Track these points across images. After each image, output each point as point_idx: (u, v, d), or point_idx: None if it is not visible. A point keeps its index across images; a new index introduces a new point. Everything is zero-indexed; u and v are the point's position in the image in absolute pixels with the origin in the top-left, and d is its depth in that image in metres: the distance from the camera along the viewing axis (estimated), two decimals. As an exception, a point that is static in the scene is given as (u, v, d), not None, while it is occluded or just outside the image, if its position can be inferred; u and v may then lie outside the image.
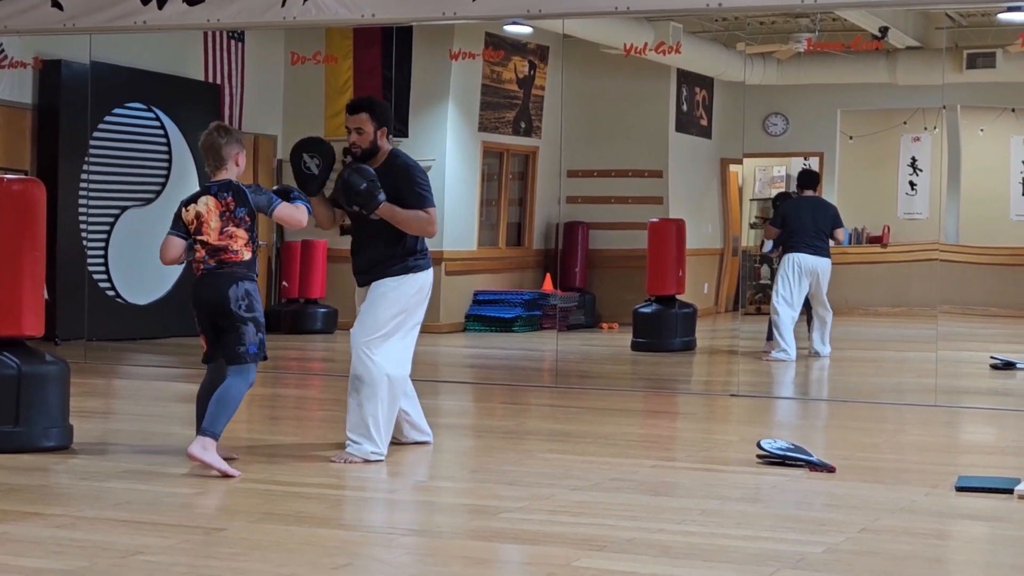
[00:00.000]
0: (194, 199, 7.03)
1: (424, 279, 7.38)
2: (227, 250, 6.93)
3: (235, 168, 7.07)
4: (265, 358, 7.06)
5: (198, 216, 6.96)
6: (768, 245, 14.07)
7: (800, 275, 13.10)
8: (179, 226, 7.03)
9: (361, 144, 7.29)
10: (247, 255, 6.97)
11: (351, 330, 7.33)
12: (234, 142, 7.06)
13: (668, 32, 14.22)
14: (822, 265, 13.16)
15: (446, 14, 10.47)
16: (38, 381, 7.38)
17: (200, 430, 6.84)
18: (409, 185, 7.31)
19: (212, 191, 6.99)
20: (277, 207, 7.04)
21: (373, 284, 7.33)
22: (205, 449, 6.78)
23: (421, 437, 7.80)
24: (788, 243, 13.24)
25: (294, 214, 7.09)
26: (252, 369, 6.97)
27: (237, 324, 6.91)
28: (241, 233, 6.94)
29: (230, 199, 6.94)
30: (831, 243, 13.27)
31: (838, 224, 13.29)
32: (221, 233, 6.93)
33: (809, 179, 13.73)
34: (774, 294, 13.27)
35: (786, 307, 13.08)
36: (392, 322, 7.28)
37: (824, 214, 13.29)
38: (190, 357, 12.01)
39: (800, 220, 13.26)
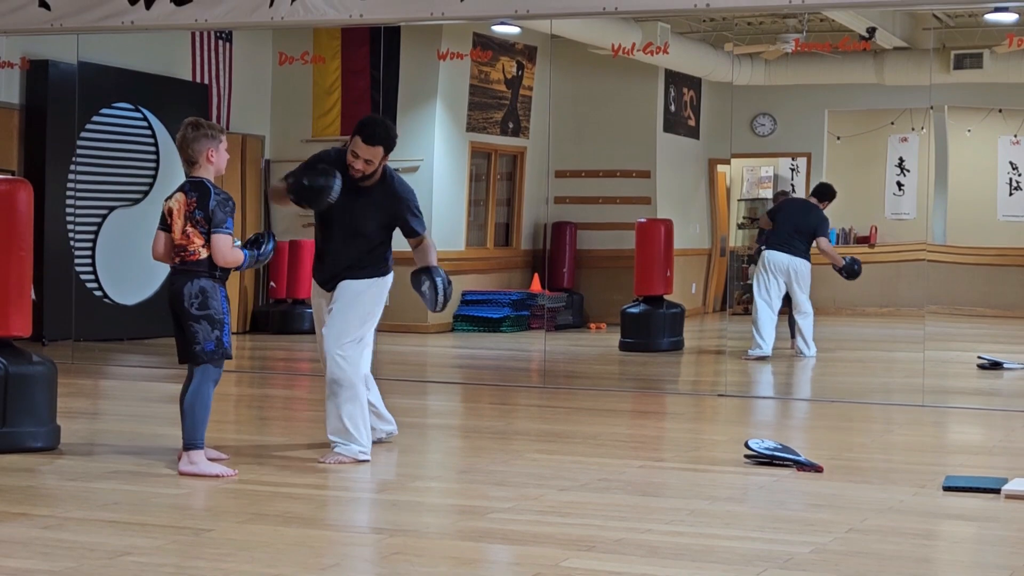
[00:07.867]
0: (172, 194, 6.93)
1: (388, 282, 7.47)
2: (186, 249, 6.83)
3: (209, 165, 6.85)
4: (228, 356, 6.92)
5: (170, 212, 6.88)
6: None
7: (771, 272, 13.15)
8: (164, 221, 6.94)
9: (365, 172, 7.22)
10: (205, 254, 6.81)
11: (323, 332, 7.31)
12: (203, 137, 6.81)
13: (656, 32, 14.23)
14: (795, 264, 13.16)
15: (434, 14, 10.48)
16: (25, 382, 7.36)
17: (183, 445, 6.83)
18: (404, 212, 7.33)
19: (185, 188, 6.86)
20: (217, 233, 6.76)
21: (341, 285, 7.32)
22: (193, 463, 6.78)
23: (388, 427, 7.81)
24: (767, 240, 13.34)
25: (226, 251, 6.79)
26: (212, 368, 6.88)
27: (190, 322, 6.84)
28: (197, 234, 6.80)
29: (195, 200, 6.79)
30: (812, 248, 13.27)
31: (820, 233, 13.19)
32: (183, 232, 6.82)
33: (819, 190, 13.71)
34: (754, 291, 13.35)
35: (762, 303, 13.14)
36: (364, 326, 7.31)
37: (807, 217, 13.28)
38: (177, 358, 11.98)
39: (781, 219, 13.33)
